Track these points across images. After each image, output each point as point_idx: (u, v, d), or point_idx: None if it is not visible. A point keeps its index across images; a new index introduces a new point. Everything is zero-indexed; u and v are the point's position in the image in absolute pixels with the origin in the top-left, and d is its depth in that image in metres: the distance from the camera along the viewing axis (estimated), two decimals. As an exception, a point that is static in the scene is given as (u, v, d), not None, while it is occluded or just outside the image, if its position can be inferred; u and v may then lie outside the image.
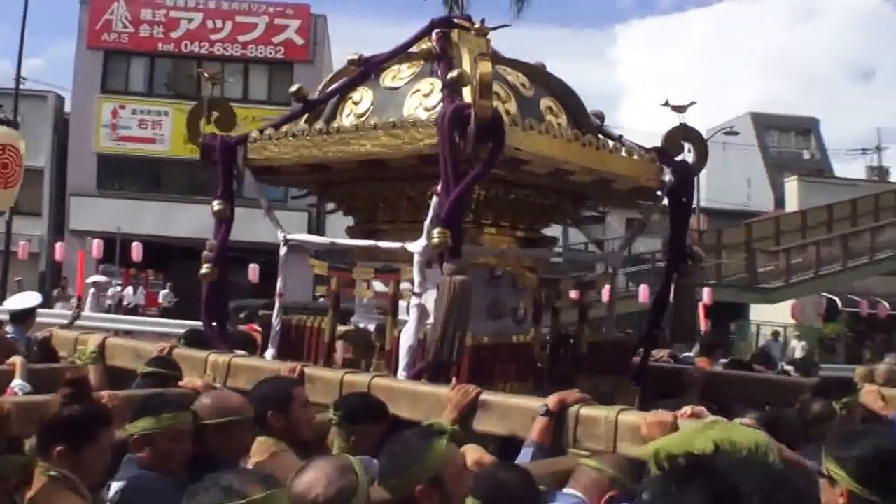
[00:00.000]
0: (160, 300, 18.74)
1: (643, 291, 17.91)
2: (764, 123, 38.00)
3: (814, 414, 3.35)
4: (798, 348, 17.32)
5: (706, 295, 18.13)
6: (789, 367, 5.56)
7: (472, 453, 2.70)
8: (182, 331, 5.33)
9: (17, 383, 3.77)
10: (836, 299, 24.06)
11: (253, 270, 18.36)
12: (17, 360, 4.07)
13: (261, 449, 2.75)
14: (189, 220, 21.04)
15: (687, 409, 2.76)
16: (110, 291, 17.13)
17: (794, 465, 2.50)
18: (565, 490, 2.55)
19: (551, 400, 2.96)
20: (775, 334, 20.31)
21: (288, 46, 24.27)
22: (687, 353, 5.73)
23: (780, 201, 31.99)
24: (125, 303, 17.81)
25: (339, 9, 79.58)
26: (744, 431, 1.82)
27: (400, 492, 2.16)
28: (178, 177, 23.62)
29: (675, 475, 1.24)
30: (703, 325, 13.35)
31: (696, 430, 1.82)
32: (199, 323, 4.49)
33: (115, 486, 2.50)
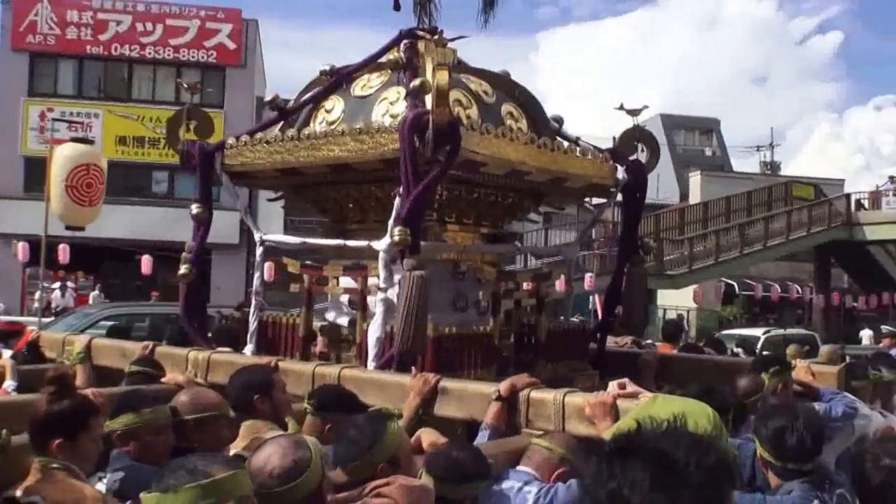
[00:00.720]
0: (90, 302, 18.30)
1: (561, 281, 18.60)
2: (672, 124, 41.34)
3: (742, 389, 3.59)
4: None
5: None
6: (738, 350, 5.87)
7: (428, 435, 2.93)
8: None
9: (8, 384, 3.99)
10: (734, 283, 26.17)
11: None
12: (6, 361, 4.29)
13: (248, 432, 2.92)
14: (119, 221, 21.11)
15: (613, 385, 2.97)
16: (37, 294, 17.04)
17: None
18: (518, 468, 2.76)
19: (503, 386, 3.19)
20: (679, 317, 21.68)
21: (220, 50, 24.53)
22: (650, 340, 6.02)
23: (684, 194, 34.12)
24: (53, 305, 17.55)
25: (269, 13, 79.64)
26: (677, 404, 2.01)
27: (361, 473, 2.34)
28: (109, 179, 23.87)
29: (610, 454, 1.28)
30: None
31: (638, 412, 1.99)
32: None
33: (111, 476, 2.68)
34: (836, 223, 26.04)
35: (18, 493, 2.33)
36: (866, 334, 20.86)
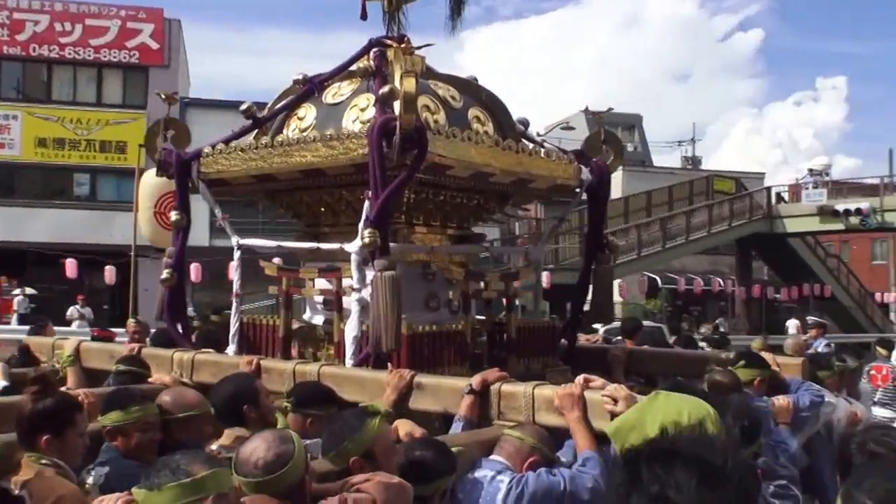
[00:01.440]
0: (15, 307, 18.26)
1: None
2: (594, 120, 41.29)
3: (719, 384, 3.69)
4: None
5: (545, 278, 19.27)
6: (703, 343, 6.07)
7: (404, 426, 3.07)
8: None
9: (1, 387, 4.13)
10: (657, 277, 26.60)
11: (109, 272, 18.47)
12: None
13: (231, 433, 3.03)
14: (42, 225, 21.31)
15: (580, 378, 3.11)
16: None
17: None
18: (491, 457, 2.90)
19: (475, 380, 3.33)
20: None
21: (142, 51, 24.30)
22: (619, 336, 6.20)
23: (607, 190, 35.41)
24: (-24, 310, 17.32)
25: (193, 13, 79.43)
26: (679, 404, 2.08)
27: (338, 463, 2.51)
28: (30, 181, 23.70)
29: (650, 459, 1.34)
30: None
31: (641, 409, 2.08)
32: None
33: (98, 470, 2.82)
34: (757, 216, 26.55)
35: (13, 487, 2.47)
36: (793, 324, 21.34)
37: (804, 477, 3.63)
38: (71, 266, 17.67)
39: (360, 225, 3.88)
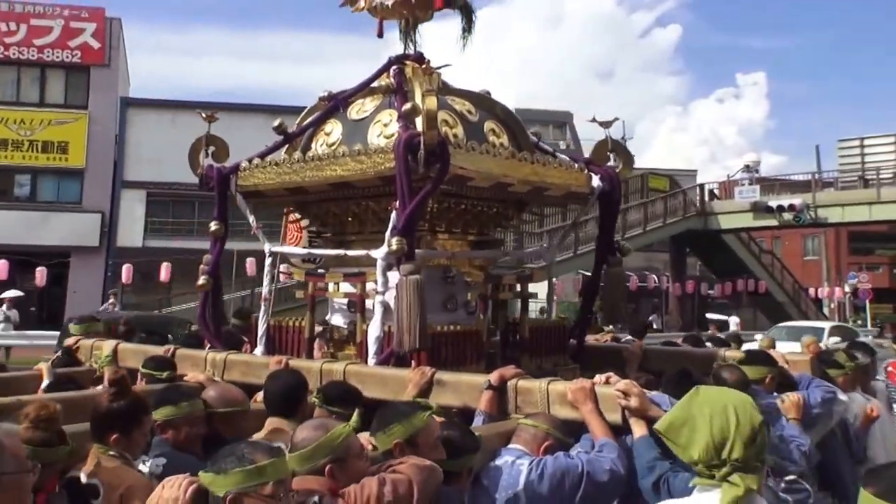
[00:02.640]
0: None
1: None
2: (526, 118, 41.57)
3: (728, 382, 3.69)
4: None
5: None
6: (708, 343, 6.32)
7: None
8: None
9: (46, 384, 4.42)
10: None
11: (40, 274, 18.60)
12: (42, 365, 4.72)
13: (269, 425, 3.31)
14: None
15: (600, 377, 3.33)
16: None
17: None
18: (510, 446, 3.13)
19: (493, 376, 3.56)
20: (542, 310, 21.91)
21: (84, 50, 24.45)
22: (628, 336, 6.48)
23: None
24: None
25: (130, 13, 79.42)
26: (722, 397, 2.22)
27: (384, 442, 2.78)
28: None
29: None
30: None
31: (685, 406, 2.20)
32: None
33: (156, 461, 3.05)
34: (691, 213, 26.93)
35: (82, 476, 2.74)
36: (733, 321, 21.47)
37: (820, 474, 3.76)
38: (2, 267, 17.73)
39: (388, 233, 4.16)
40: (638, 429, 3.09)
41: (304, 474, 2.48)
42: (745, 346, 6.31)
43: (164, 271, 20.06)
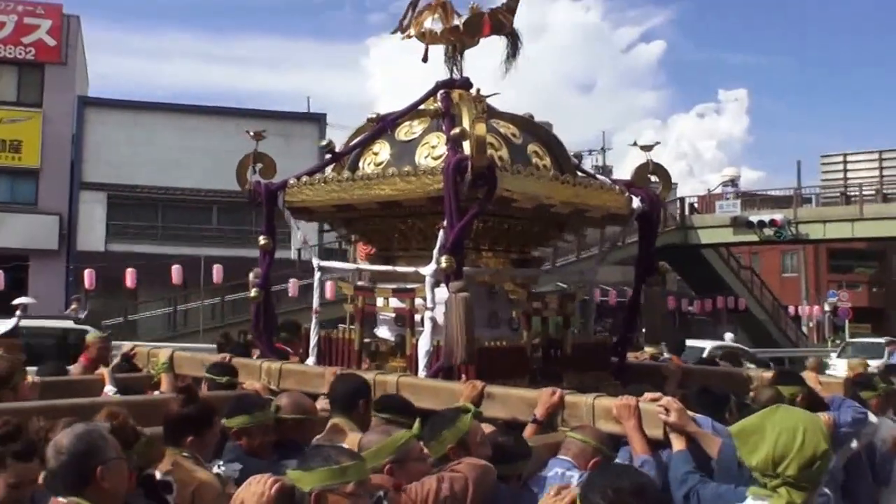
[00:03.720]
0: None
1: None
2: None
3: (763, 400, 3.95)
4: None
5: None
6: (751, 366, 6.44)
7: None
8: None
9: (108, 388, 4.65)
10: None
11: None
12: (104, 370, 4.95)
13: (331, 428, 3.51)
14: None
15: (647, 395, 3.47)
16: None
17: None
18: (559, 456, 3.27)
19: (538, 411, 3.66)
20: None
21: (39, 47, 23.88)
22: (666, 354, 6.58)
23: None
24: None
25: (94, 12, 78.39)
26: (797, 417, 2.35)
27: (437, 450, 2.97)
28: None
29: None
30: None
31: (763, 416, 2.34)
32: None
33: (231, 465, 3.24)
34: (670, 227, 26.27)
35: (157, 474, 2.93)
36: (729, 337, 21.30)
37: (841, 494, 3.86)
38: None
39: (435, 252, 4.33)
40: (677, 443, 3.24)
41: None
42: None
43: (130, 277, 19.45)
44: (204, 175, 24.52)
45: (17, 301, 16.97)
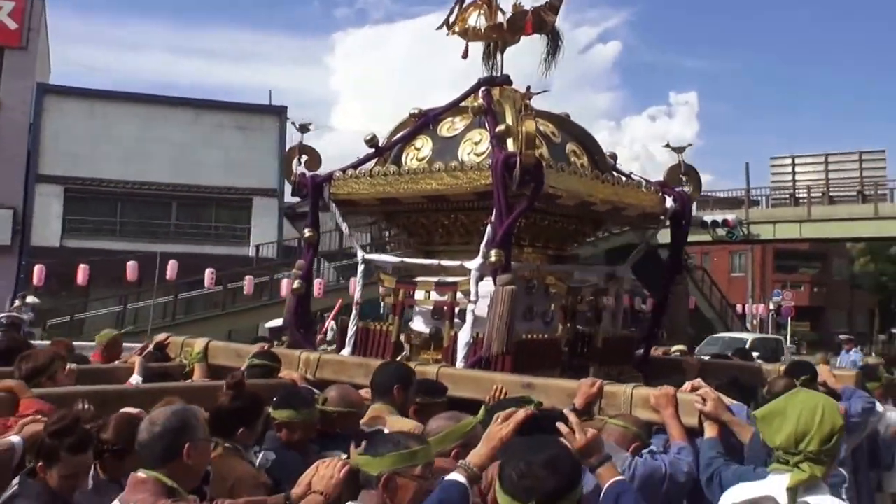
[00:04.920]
0: None
1: (353, 284, 18.93)
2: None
3: (778, 390, 4.19)
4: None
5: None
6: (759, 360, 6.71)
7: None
8: None
9: (134, 378, 4.68)
10: None
11: None
12: (136, 359, 4.99)
13: (372, 413, 3.61)
14: None
15: (688, 385, 3.64)
16: None
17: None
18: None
19: (578, 400, 3.74)
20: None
21: None
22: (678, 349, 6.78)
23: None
24: None
25: (69, 1, 76.56)
26: (817, 400, 2.52)
27: None
28: None
29: None
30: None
31: (787, 400, 2.50)
32: None
33: (267, 454, 3.33)
34: (627, 227, 26.73)
35: None
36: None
37: None
38: None
39: (482, 246, 4.43)
40: (710, 431, 3.42)
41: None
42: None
43: (82, 274, 18.83)
44: (164, 168, 24.13)
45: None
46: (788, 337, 31.08)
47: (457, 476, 2.37)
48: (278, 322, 10.61)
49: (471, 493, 2.37)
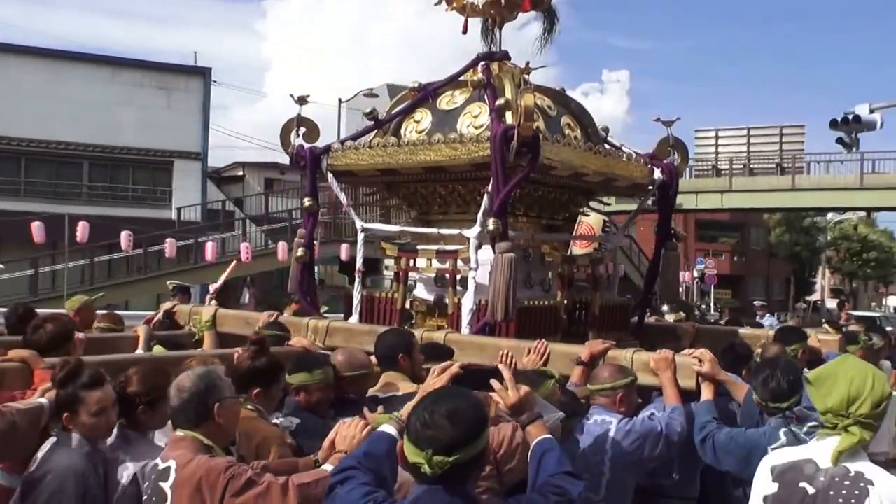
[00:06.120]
0: None
1: (281, 249, 19.28)
2: (398, 93, 43.13)
3: (770, 355, 4.44)
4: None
5: (343, 252, 19.53)
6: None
7: None
8: None
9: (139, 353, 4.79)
10: None
11: None
12: (141, 328, 5.11)
13: (385, 380, 3.72)
14: None
15: (687, 350, 3.84)
16: None
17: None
18: (595, 404, 3.57)
19: (584, 353, 3.98)
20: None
21: None
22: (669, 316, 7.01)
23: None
24: None
25: None
26: (866, 368, 2.57)
27: None
28: None
29: None
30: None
31: (837, 364, 2.57)
32: None
33: (291, 419, 3.42)
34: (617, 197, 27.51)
35: None
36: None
37: None
38: None
39: (480, 215, 4.60)
40: (706, 393, 3.64)
41: None
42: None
43: None
44: (77, 127, 23.33)
45: None
46: (712, 304, 32.10)
47: (387, 428, 2.38)
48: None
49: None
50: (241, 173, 31.11)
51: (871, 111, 16.26)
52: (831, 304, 45.84)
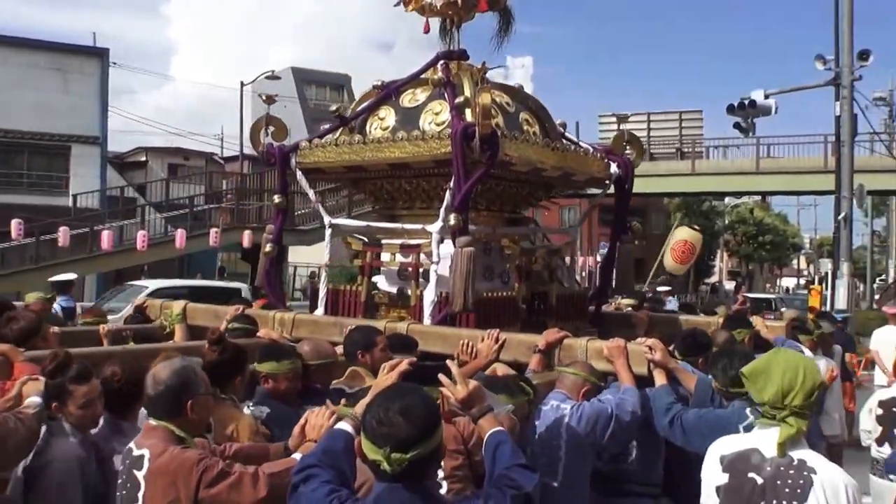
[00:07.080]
0: None
1: (180, 236, 19.28)
2: (303, 78, 44.51)
3: (719, 340, 4.72)
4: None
5: (245, 238, 19.37)
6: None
7: (501, 369, 4.00)
8: None
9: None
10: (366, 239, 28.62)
11: None
12: (104, 328, 5.14)
13: (350, 373, 3.64)
14: None
15: (639, 340, 4.04)
16: None
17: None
18: (555, 391, 3.78)
19: (541, 342, 4.16)
20: (312, 275, 22.44)
21: None
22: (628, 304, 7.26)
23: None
24: None
25: None
26: (797, 359, 2.72)
27: None
28: None
29: None
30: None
31: (769, 359, 2.67)
32: None
33: (260, 408, 3.53)
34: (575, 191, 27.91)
35: None
36: None
37: None
38: None
39: (442, 210, 4.78)
40: (660, 378, 3.83)
41: None
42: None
43: None
44: None
45: None
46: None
47: (344, 425, 2.43)
48: (67, 276, 10.51)
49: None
50: (143, 159, 30.15)
51: (766, 97, 16.63)
52: (729, 286, 47.54)
